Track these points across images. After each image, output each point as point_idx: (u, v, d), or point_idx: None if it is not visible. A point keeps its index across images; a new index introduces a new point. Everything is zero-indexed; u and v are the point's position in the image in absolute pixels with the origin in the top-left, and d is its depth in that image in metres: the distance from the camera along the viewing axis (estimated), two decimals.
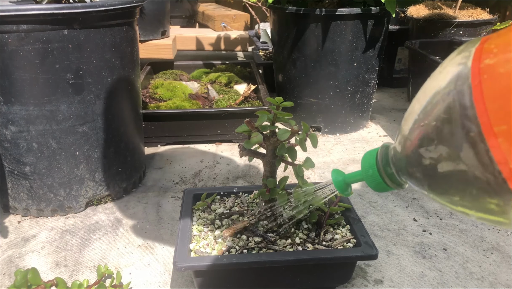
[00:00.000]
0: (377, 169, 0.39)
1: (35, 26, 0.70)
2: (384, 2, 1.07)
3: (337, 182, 0.45)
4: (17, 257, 0.73)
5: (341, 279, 0.65)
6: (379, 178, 0.39)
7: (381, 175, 0.38)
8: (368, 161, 0.40)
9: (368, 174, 0.39)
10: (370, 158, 0.40)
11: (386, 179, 0.38)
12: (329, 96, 1.19)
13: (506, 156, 0.25)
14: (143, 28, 1.71)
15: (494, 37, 0.27)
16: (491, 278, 0.69)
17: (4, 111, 0.75)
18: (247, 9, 2.14)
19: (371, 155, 0.40)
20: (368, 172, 0.39)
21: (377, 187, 0.40)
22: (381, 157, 0.39)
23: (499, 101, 0.24)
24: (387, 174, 0.38)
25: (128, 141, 0.90)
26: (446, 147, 0.28)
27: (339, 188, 0.46)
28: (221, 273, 0.60)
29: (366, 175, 0.40)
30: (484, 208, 0.28)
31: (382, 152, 0.39)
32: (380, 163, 0.39)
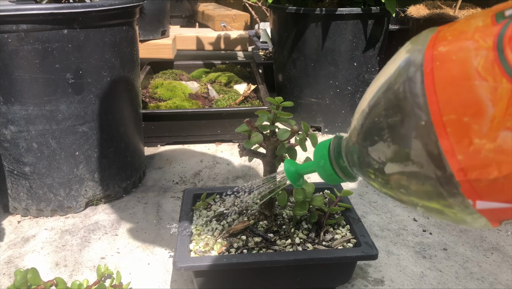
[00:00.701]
0: (329, 160, 0.37)
1: (35, 26, 0.70)
2: (384, 2, 1.07)
3: (289, 172, 0.44)
4: (16, 257, 0.73)
5: (341, 279, 0.65)
6: (330, 170, 0.37)
7: (333, 167, 0.37)
8: (320, 152, 0.38)
9: (320, 165, 0.38)
10: (323, 149, 0.38)
11: (337, 170, 0.37)
12: (329, 96, 1.19)
13: (453, 147, 0.24)
14: (143, 28, 1.71)
15: (450, 25, 0.26)
16: (491, 278, 0.69)
17: (4, 111, 0.75)
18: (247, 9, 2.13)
19: (324, 145, 0.39)
20: (320, 163, 0.38)
21: (329, 179, 0.38)
22: (333, 148, 0.37)
23: (450, 89, 0.23)
24: (339, 166, 0.37)
25: (128, 141, 0.90)
26: (395, 138, 0.27)
27: (291, 178, 0.44)
28: (221, 273, 0.60)
29: (317, 166, 0.38)
30: (430, 201, 0.27)
31: (335, 143, 0.37)
32: (332, 154, 0.37)
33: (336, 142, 0.37)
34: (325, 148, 0.38)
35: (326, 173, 0.38)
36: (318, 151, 0.39)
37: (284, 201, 0.64)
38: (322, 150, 0.38)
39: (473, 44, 0.23)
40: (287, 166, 0.45)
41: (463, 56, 0.23)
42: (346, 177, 0.37)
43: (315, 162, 0.39)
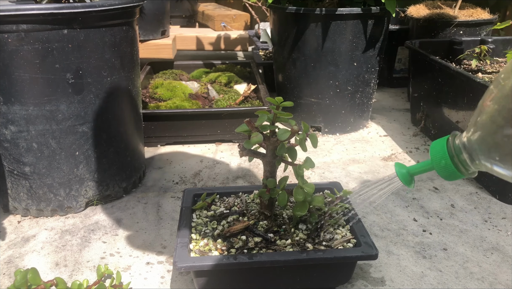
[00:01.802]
0: (450, 158, 0.41)
1: (35, 26, 0.70)
2: (384, 2, 1.07)
3: (402, 174, 0.47)
4: (17, 257, 0.73)
5: (341, 279, 0.65)
6: (452, 168, 0.41)
7: (455, 163, 0.41)
8: (438, 152, 0.42)
9: (441, 165, 0.42)
10: (440, 149, 0.42)
11: (460, 166, 0.41)
12: (329, 96, 1.19)
13: None
14: (143, 28, 1.71)
15: None
16: (491, 278, 0.69)
17: (4, 111, 0.75)
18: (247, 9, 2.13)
19: (441, 145, 0.42)
20: (441, 163, 0.42)
21: (450, 176, 0.42)
22: (452, 146, 0.41)
23: None
24: (460, 161, 0.41)
25: (128, 141, 0.90)
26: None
27: (404, 180, 0.47)
28: (221, 273, 0.60)
29: (438, 166, 0.42)
30: None
31: (452, 142, 0.42)
32: (453, 152, 0.41)
33: (453, 141, 0.42)
34: (442, 148, 0.42)
35: (448, 171, 0.42)
36: (436, 151, 0.43)
37: (284, 201, 0.64)
38: (441, 151, 0.42)
39: None
40: (398, 168, 0.47)
41: None
42: (468, 172, 0.41)
43: (435, 162, 0.43)
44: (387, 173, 1.02)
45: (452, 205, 0.89)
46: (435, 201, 0.90)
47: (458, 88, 1.01)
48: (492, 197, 0.91)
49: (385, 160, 1.08)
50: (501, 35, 1.59)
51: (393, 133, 1.25)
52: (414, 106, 1.28)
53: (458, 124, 1.01)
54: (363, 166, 1.06)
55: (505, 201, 0.89)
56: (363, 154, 1.12)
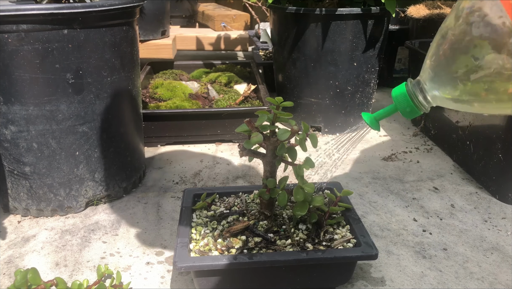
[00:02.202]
0: (409, 96, 0.50)
1: (35, 26, 0.70)
2: (384, 2, 1.07)
3: (369, 119, 0.55)
4: (17, 257, 0.73)
5: (341, 279, 0.65)
6: (414, 107, 0.50)
7: (413, 100, 0.50)
8: (401, 96, 0.51)
9: (406, 110, 0.51)
10: (402, 94, 0.51)
11: (418, 104, 0.50)
12: (329, 96, 1.19)
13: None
14: (143, 28, 1.71)
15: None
16: (491, 278, 0.69)
17: (4, 111, 0.75)
18: (247, 9, 2.13)
19: (401, 91, 0.52)
20: (406, 108, 0.51)
21: (411, 114, 0.51)
22: (411, 89, 0.51)
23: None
24: (418, 100, 0.50)
25: (128, 141, 0.90)
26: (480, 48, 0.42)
27: (372, 124, 0.55)
28: (221, 273, 0.60)
29: (402, 107, 0.51)
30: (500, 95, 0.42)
31: (410, 86, 0.51)
32: (412, 94, 0.50)
33: (412, 83, 0.51)
34: (402, 89, 0.51)
35: (410, 111, 0.51)
36: (399, 96, 0.52)
37: (284, 201, 0.64)
38: (400, 92, 0.51)
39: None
40: (365, 116, 0.55)
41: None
42: (424, 108, 0.51)
43: (399, 105, 0.52)
44: (387, 173, 1.02)
45: (452, 205, 0.89)
46: (435, 201, 0.90)
47: None
48: (492, 197, 0.91)
49: (385, 160, 1.08)
50: None
51: (393, 133, 1.25)
52: None
53: (458, 124, 1.01)
54: (363, 166, 1.06)
55: (505, 201, 0.89)
56: (363, 154, 1.12)
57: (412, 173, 1.02)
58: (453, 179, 0.99)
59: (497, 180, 0.90)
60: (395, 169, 1.04)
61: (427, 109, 0.51)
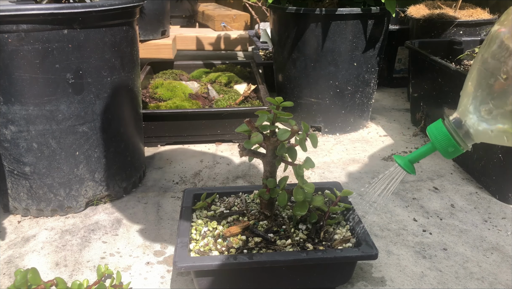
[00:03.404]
0: (451, 135, 0.48)
1: (35, 26, 0.70)
2: (384, 2, 1.07)
3: (404, 163, 0.52)
4: (17, 257, 0.73)
5: (341, 279, 0.65)
6: (455, 145, 0.47)
7: (456, 140, 0.47)
8: (439, 134, 0.49)
9: (445, 146, 0.48)
10: (441, 131, 0.48)
11: (459, 141, 0.47)
12: (329, 96, 1.19)
13: None
14: (143, 28, 1.71)
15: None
16: (491, 278, 0.69)
17: (4, 111, 0.75)
18: (247, 9, 2.13)
19: (438, 128, 0.49)
20: (444, 144, 0.48)
21: (451, 154, 0.48)
22: (449, 125, 0.48)
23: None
24: (459, 137, 0.47)
25: (128, 141, 0.90)
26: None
27: (408, 168, 0.52)
28: (221, 273, 0.60)
29: (442, 147, 0.48)
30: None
31: (448, 122, 0.48)
32: (451, 131, 0.48)
33: (449, 121, 0.49)
34: (442, 129, 0.48)
35: (450, 149, 0.48)
36: (437, 134, 0.49)
37: (284, 201, 0.64)
38: (441, 132, 0.48)
39: None
40: (398, 160, 0.52)
41: None
42: (467, 146, 0.48)
43: (438, 145, 0.49)
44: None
45: (452, 205, 0.89)
46: (435, 201, 0.90)
47: (458, 88, 1.00)
48: (492, 197, 0.91)
49: (385, 160, 1.08)
50: None
51: (393, 133, 1.25)
52: (414, 106, 1.28)
53: None
54: (363, 166, 1.06)
55: (505, 201, 0.89)
56: (363, 154, 1.12)
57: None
58: (453, 179, 0.99)
59: (497, 180, 0.90)
60: (395, 169, 1.04)
61: (469, 147, 0.48)
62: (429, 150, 0.51)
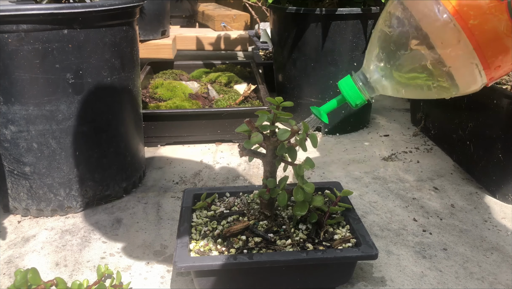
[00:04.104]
0: (358, 88, 0.57)
1: (35, 26, 0.70)
2: (384, 2, 1.07)
3: (318, 112, 0.60)
4: (17, 257, 0.73)
5: (341, 279, 0.65)
6: (362, 98, 0.58)
7: (361, 91, 0.57)
8: (348, 87, 0.58)
9: (356, 102, 0.59)
10: (349, 84, 0.58)
11: (364, 93, 0.57)
12: (329, 96, 1.19)
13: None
14: (143, 28, 1.71)
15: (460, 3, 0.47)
16: (491, 278, 0.69)
17: (4, 111, 0.75)
18: (247, 9, 2.13)
19: (347, 82, 0.58)
20: (357, 101, 0.59)
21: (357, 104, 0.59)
22: (357, 79, 0.58)
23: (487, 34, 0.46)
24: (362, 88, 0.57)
25: (128, 141, 0.90)
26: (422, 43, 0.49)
27: (322, 117, 0.60)
28: (221, 273, 0.60)
29: (351, 98, 0.58)
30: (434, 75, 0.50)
31: (356, 76, 0.58)
32: (358, 84, 0.57)
33: (357, 74, 0.58)
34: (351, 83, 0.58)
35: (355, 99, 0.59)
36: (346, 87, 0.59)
37: (284, 201, 0.64)
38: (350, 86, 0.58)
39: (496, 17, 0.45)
40: (314, 110, 0.60)
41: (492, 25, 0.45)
42: (369, 95, 0.58)
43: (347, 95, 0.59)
44: (387, 172, 1.02)
45: (452, 205, 0.89)
46: (435, 201, 0.90)
47: None
48: (492, 197, 0.91)
49: (385, 160, 1.08)
50: None
51: (393, 133, 1.25)
52: (414, 106, 1.28)
53: (458, 124, 1.01)
54: (363, 166, 1.06)
55: (505, 201, 0.89)
56: (363, 154, 1.12)
57: (412, 173, 1.02)
58: (453, 179, 0.99)
59: (497, 180, 0.90)
60: (395, 169, 1.04)
61: (371, 98, 0.58)
62: (339, 101, 0.60)
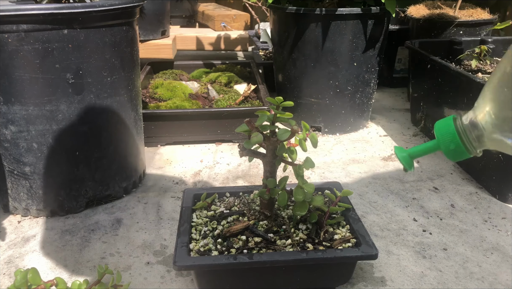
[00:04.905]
0: (460, 140, 0.43)
1: (35, 26, 0.70)
2: (384, 2, 1.07)
3: (403, 157, 0.47)
4: (17, 257, 0.73)
5: (341, 279, 0.65)
6: (462, 147, 0.43)
7: (464, 143, 0.43)
8: (446, 133, 0.44)
9: (450, 146, 0.44)
10: (448, 130, 0.44)
11: (468, 146, 0.43)
12: (329, 96, 1.19)
13: None
14: (143, 28, 1.71)
15: None
16: (491, 278, 0.69)
17: (4, 111, 0.75)
18: (247, 9, 2.13)
19: (447, 126, 0.44)
20: (450, 144, 0.44)
21: (456, 156, 0.44)
22: (460, 127, 0.43)
23: None
24: (469, 141, 0.43)
25: (128, 141, 0.90)
26: None
27: (406, 163, 0.48)
28: (221, 273, 0.61)
29: (446, 147, 0.44)
30: None
31: (460, 122, 0.44)
32: (461, 132, 0.43)
33: (462, 121, 0.44)
34: (451, 128, 0.44)
35: (456, 151, 0.44)
36: (444, 132, 0.44)
37: (284, 201, 0.64)
38: (449, 132, 0.44)
39: None
40: (398, 152, 0.48)
41: None
42: (475, 151, 0.44)
43: (442, 144, 0.44)
44: (387, 172, 1.02)
45: (452, 205, 0.89)
46: (435, 201, 0.90)
47: (458, 88, 1.01)
48: (492, 197, 0.91)
49: (385, 160, 1.08)
50: (501, 35, 1.58)
51: (393, 133, 1.25)
52: (414, 106, 1.28)
53: None
54: (363, 166, 1.06)
55: (505, 201, 0.89)
56: (363, 154, 1.12)
57: (412, 173, 1.02)
58: (453, 179, 0.99)
59: (497, 180, 0.90)
60: (395, 169, 1.04)
61: (478, 153, 0.44)
62: (432, 147, 0.47)
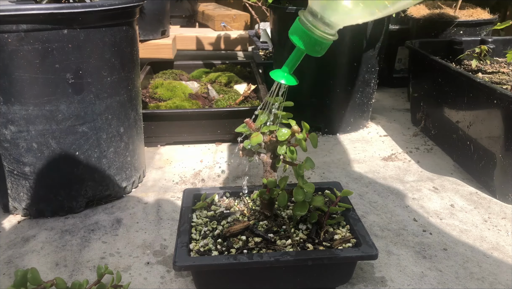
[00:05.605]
0: (307, 29, 0.46)
1: (35, 26, 0.70)
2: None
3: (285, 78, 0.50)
4: (17, 257, 0.73)
5: (341, 279, 0.65)
6: (314, 37, 0.46)
7: (313, 32, 0.46)
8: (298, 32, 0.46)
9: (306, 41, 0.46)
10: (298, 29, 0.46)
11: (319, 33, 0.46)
12: (329, 96, 1.19)
13: None
14: (143, 28, 1.71)
15: None
16: (491, 278, 0.69)
17: (4, 111, 0.75)
18: (247, 9, 2.13)
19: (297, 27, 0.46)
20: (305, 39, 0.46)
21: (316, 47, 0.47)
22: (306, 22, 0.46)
23: None
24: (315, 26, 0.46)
25: (128, 141, 0.90)
26: None
27: (288, 80, 0.51)
28: (221, 273, 0.60)
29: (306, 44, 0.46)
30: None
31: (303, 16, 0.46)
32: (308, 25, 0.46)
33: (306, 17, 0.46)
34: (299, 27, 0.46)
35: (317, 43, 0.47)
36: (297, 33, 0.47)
37: (284, 201, 0.64)
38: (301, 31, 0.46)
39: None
40: (276, 75, 0.50)
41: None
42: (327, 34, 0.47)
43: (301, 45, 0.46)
44: (387, 172, 1.02)
45: (452, 205, 0.89)
46: (435, 201, 0.90)
47: (458, 88, 1.01)
48: (492, 197, 0.91)
49: (385, 160, 1.08)
50: (501, 35, 1.59)
51: (393, 133, 1.25)
52: (414, 106, 1.28)
53: (458, 124, 1.01)
54: (363, 166, 1.06)
55: (505, 201, 0.89)
56: (363, 154, 1.12)
57: (412, 173, 1.02)
58: (453, 179, 0.99)
59: (497, 180, 0.90)
60: (395, 169, 1.04)
61: (334, 35, 0.47)
62: (296, 52, 0.49)
